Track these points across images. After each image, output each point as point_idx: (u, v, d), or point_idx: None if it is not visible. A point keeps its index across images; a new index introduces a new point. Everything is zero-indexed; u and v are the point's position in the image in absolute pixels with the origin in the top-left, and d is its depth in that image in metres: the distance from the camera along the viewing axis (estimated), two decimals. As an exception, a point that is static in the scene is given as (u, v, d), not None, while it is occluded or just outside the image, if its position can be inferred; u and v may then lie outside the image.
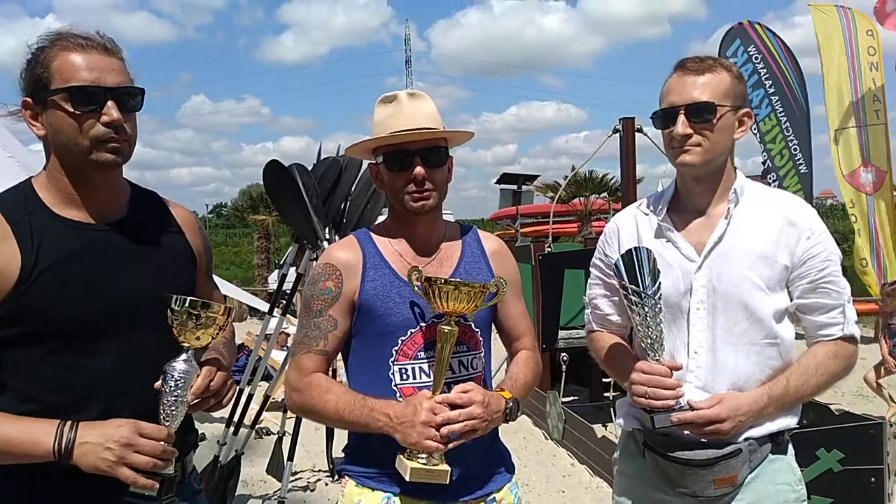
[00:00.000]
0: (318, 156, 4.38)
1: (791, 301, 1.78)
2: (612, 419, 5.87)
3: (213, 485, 4.02)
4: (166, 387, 1.47)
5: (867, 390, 7.38)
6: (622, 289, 1.72)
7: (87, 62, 1.45)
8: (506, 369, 1.89)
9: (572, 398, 7.30)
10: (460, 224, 1.95)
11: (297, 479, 5.25)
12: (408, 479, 1.58)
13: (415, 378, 1.71)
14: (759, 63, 10.25)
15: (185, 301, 1.49)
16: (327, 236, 4.17)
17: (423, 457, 1.59)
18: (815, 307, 1.77)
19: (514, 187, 13.07)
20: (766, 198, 1.84)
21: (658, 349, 1.71)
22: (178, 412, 1.48)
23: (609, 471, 4.71)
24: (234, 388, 1.65)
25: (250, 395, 4.49)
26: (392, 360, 1.71)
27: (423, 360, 1.72)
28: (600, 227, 15.53)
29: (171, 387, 1.47)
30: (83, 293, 1.47)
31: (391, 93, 1.78)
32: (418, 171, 1.70)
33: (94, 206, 1.55)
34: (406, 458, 1.60)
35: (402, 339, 1.72)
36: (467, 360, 1.76)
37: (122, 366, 1.50)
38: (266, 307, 6.06)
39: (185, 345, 1.51)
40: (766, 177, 10.01)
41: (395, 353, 1.71)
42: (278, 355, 6.69)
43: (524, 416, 6.61)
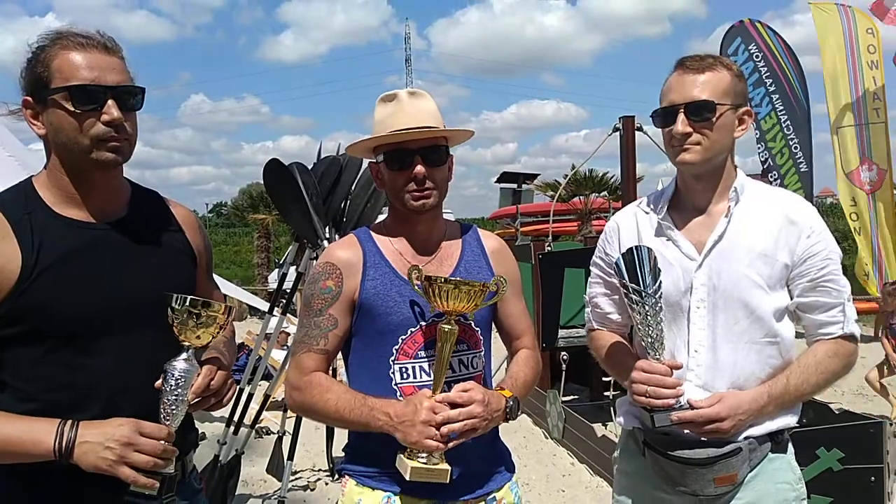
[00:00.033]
0: (319, 155, 4.38)
1: (791, 299, 1.78)
2: (612, 418, 5.87)
3: (214, 484, 4.02)
4: (167, 386, 1.47)
5: (867, 389, 7.37)
6: (623, 287, 1.72)
7: (88, 61, 1.45)
8: (506, 368, 1.89)
9: (572, 397, 7.31)
10: (460, 223, 1.94)
11: (297, 478, 5.25)
12: (408, 479, 1.58)
13: (415, 377, 1.71)
14: (759, 61, 10.25)
15: (185, 300, 1.49)
16: (327, 235, 4.17)
17: (424, 456, 1.59)
18: (816, 306, 1.77)
19: (514, 186, 13.07)
20: (767, 196, 1.84)
21: (658, 348, 1.71)
22: (178, 411, 1.48)
23: (609, 470, 4.71)
24: (235, 387, 1.66)
25: (250, 395, 4.50)
26: (392, 358, 1.71)
27: (424, 359, 1.72)
28: (600, 225, 15.53)
29: (171, 386, 1.47)
30: (84, 292, 1.47)
31: (391, 91, 1.78)
32: (419, 169, 1.70)
33: (95, 206, 1.55)
34: (406, 458, 1.60)
35: (403, 337, 1.72)
36: (467, 358, 1.76)
37: (122, 365, 1.50)
38: (266, 306, 6.06)
39: (185, 344, 1.51)
40: (767, 175, 10.01)
41: (395, 351, 1.71)
42: (278, 354, 6.69)
43: (524, 416, 6.61)
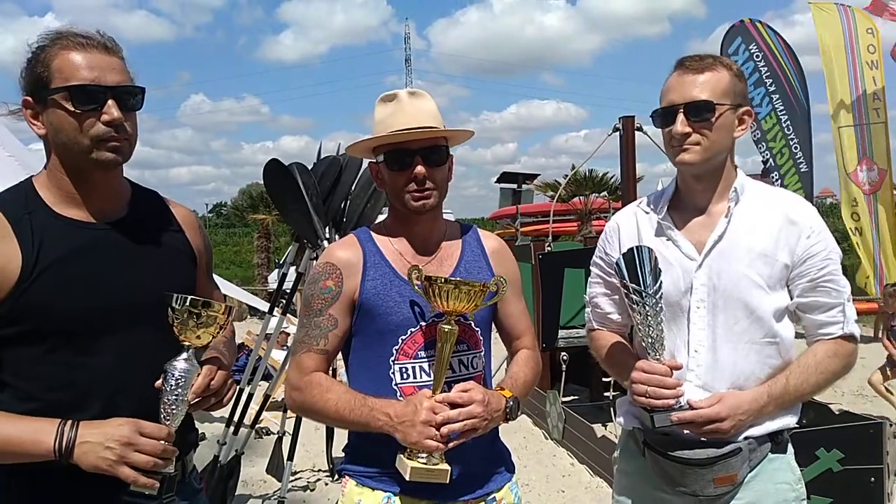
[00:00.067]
0: (319, 155, 4.38)
1: (791, 300, 1.78)
2: (612, 419, 5.87)
3: (213, 484, 4.02)
4: (167, 385, 1.47)
5: (867, 390, 7.35)
6: (623, 288, 1.72)
7: (88, 61, 1.45)
8: (506, 368, 1.89)
9: (572, 398, 7.30)
10: (460, 223, 1.94)
11: (296, 478, 5.25)
12: (408, 479, 1.58)
13: (415, 377, 1.71)
14: (760, 61, 10.26)
15: (185, 300, 1.49)
16: (327, 235, 4.16)
17: (424, 456, 1.59)
18: (815, 306, 1.77)
19: (514, 186, 13.05)
20: (767, 196, 1.84)
21: (658, 348, 1.71)
22: (178, 411, 1.48)
23: (609, 470, 4.71)
24: (235, 387, 1.66)
25: (250, 395, 4.49)
26: (392, 359, 1.71)
27: (424, 360, 1.72)
28: (600, 226, 15.54)
29: (171, 386, 1.47)
30: (84, 291, 1.48)
31: (391, 91, 1.78)
32: (419, 170, 1.70)
33: (95, 205, 1.55)
34: (406, 458, 1.60)
35: (403, 338, 1.72)
36: (467, 359, 1.76)
37: (122, 364, 1.51)
38: (266, 307, 6.06)
39: (185, 344, 1.51)
40: (768, 175, 10.01)
41: (395, 352, 1.71)
42: (278, 355, 6.69)
43: (524, 416, 6.61)
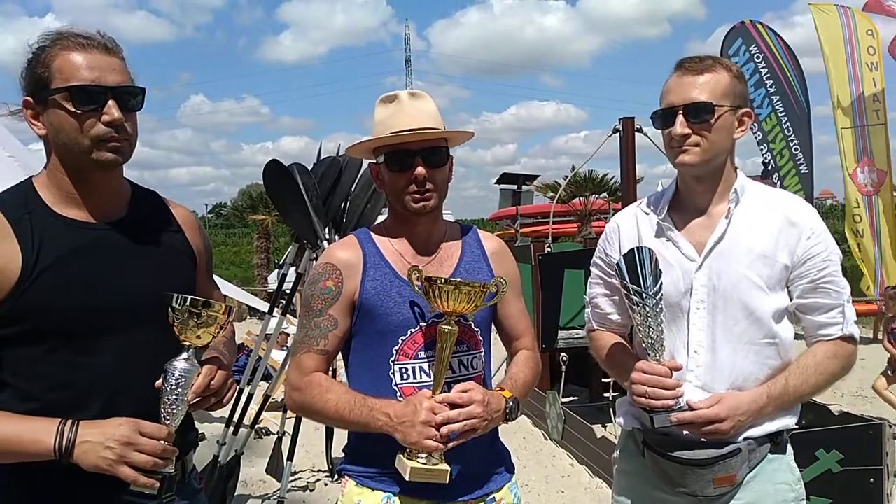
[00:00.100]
0: (318, 155, 4.37)
1: (791, 301, 1.78)
2: (612, 419, 5.87)
3: (213, 485, 4.02)
4: (167, 385, 1.47)
5: (866, 391, 7.34)
6: (623, 288, 1.72)
7: (88, 61, 1.45)
8: (505, 369, 1.89)
9: (572, 398, 7.30)
10: (460, 224, 1.95)
11: (296, 479, 5.25)
12: (407, 479, 1.59)
13: (415, 378, 1.71)
14: (760, 62, 10.27)
15: (185, 300, 1.49)
16: (327, 236, 4.16)
17: (423, 456, 1.59)
18: (815, 307, 1.77)
19: (514, 187, 13.04)
20: (767, 197, 1.84)
21: (658, 349, 1.71)
22: (178, 411, 1.48)
23: (608, 471, 4.71)
24: (235, 387, 1.66)
25: (250, 395, 4.49)
26: (392, 359, 1.71)
27: (424, 360, 1.72)
28: (600, 227, 15.52)
29: (171, 385, 1.47)
30: (84, 291, 1.48)
31: (392, 92, 1.78)
32: (419, 171, 1.70)
33: (95, 206, 1.55)
34: (406, 458, 1.60)
35: (403, 338, 1.72)
36: (467, 359, 1.77)
37: (122, 364, 1.51)
38: (266, 307, 6.06)
39: (185, 344, 1.51)
40: (769, 176, 10.02)
41: (395, 352, 1.71)
42: (278, 355, 6.69)
43: (524, 417, 6.60)
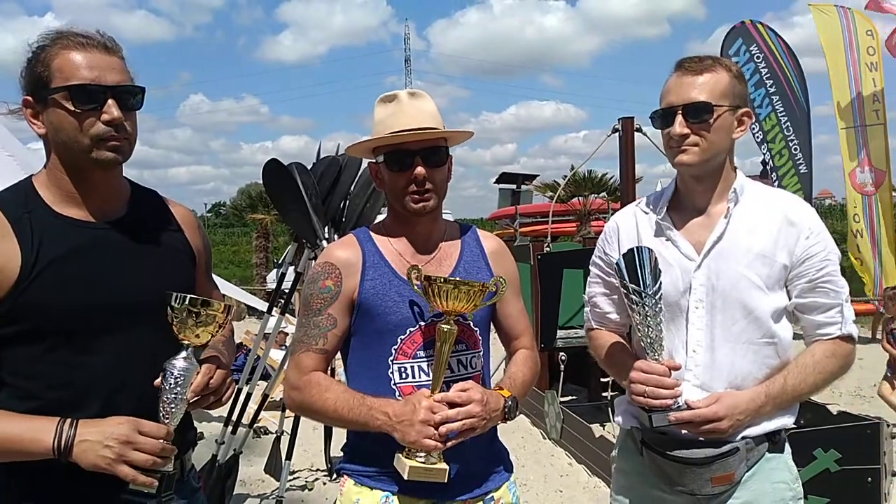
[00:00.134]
0: (318, 155, 4.37)
1: (789, 300, 1.79)
2: (610, 419, 5.88)
3: (212, 484, 4.02)
4: (166, 384, 1.47)
5: (865, 390, 7.35)
6: (623, 288, 1.72)
7: (88, 61, 1.45)
8: (504, 368, 1.89)
9: (570, 398, 7.31)
10: (459, 223, 1.95)
11: (295, 478, 5.26)
12: (406, 478, 1.59)
13: (414, 377, 1.72)
14: (760, 62, 10.27)
15: (185, 299, 1.49)
16: (326, 235, 4.16)
17: (422, 455, 1.59)
18: (814, 306, 1.77)
19: (513, 187, 13.05)
20: (766, 197, 1.84)
21: (657, 348, 1.71)
22: (177, 410, 1.48)
23: (607, 470, 4.72)
24: (234, 386, 1.66)
25: (249, 394, 4.49)
26: (391, 358, 1.72)
27: (423, 359, 1.72)
28: (599, 226, 15.52)
29: (170, 384, 1.46)
30: (83, 290, 1.48)
31: (391, 92, 1.78)
32: (419, 170, 1.70)
33: (95, 205, 1.55)
34: (405, 457, 1.60)
35: (402, 337, 1.72)
36: (466, 358, 1.77)
37: (121, 363, 1.51)
38: (265, 306, 6.06)
39: (184, 342, 1.51)
40: (768, 176, 10.03)
41: (394, 351, 1.72)
42: (277, 354, 6.69)
43: (522, 416, 6.61)
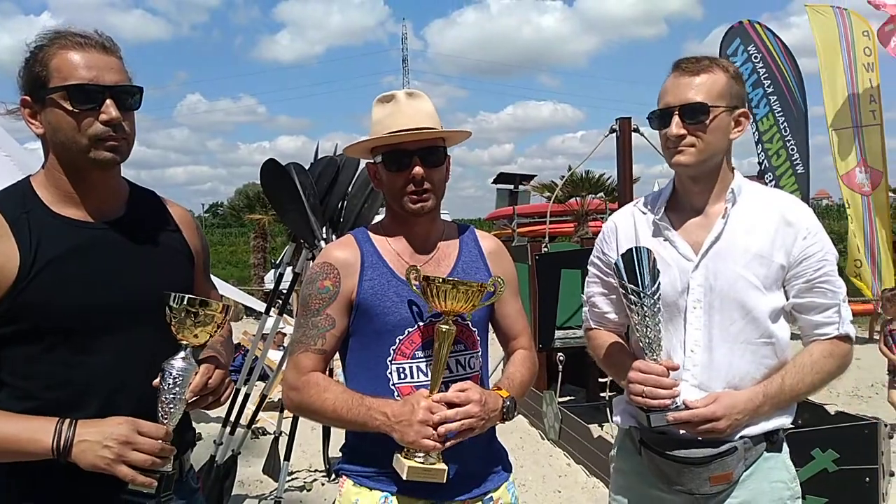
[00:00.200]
0: (316, 155, 4.37)
1: (787, 300, 1.79)
2: (609, 419, 5.88)
3: (210, 485, 4.01)
4: (164, 384, 1.46)
5: (862, 390, 7.36)
6: (622, 288, 1.72)
7: (86, 60, 1.45)
8: (502, 369, 1.89)
9: (569, 398, 7.32)
10: (457, 223, 1.95)
11: (293, 478, 5.25)
12: (405, 478, 1.59)
13: (412, 377, 1.72)
14: (758, 62, 10.29)
15: (183, 299, 1.49)
16: (324, 235, 4.16)
17: (421, 455, 1.59)
18: (811, 306, 1.78)
19: (511, 187, 13.02)
20: (764, 197, 1.84)
21: (656, 349, 1.72)
22: (176, 410, 1.48)
23: (605, 471, 4.72)
24: (232, 386, 1.66)
25: (247, 395, 4.49)
26: (390, 359, 1.72)
27: (421, 360, 1.72)
28: (597, 227, 15.55)
29: (169, 384, 1.46)
30: (82, 290, 1.48)
31: (389, 92, 1.79)
32: (417, 170, 1.70)
33: (93, 205, 1.55)
34: (403, 457, 1.60)
35: (400, 338, 1.72)
36: (464, 359, 1.77)
37: (120, 362, 1.51)
38: (262, 307, 6.05)
39: (183, 343, 1.51)
40: (763, 177, 10.04)
41: (392, 352, 1.72)
42: (275, 355, 6.68)
43: (520, 416, 6.61)
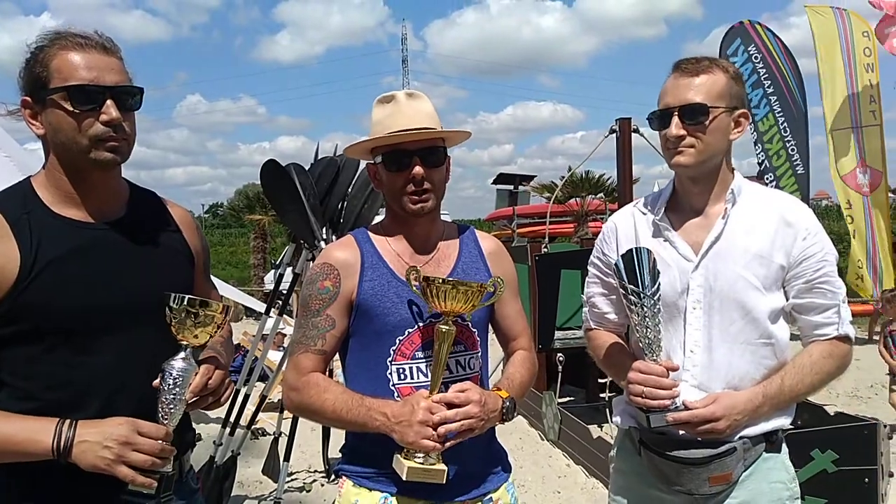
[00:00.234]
0: (316, 155, 4.37)
1: (787, 301, 1.79)
2: (608, 420, 5.87)
3: (210, 485, 4.01)
4: (165, 385, 1.47)
5: (861, 391, 7.34)
6: (622, 289, 1.72)
7: (87, 61, 1.45)
8: (502, 369, 1.89)
9: (568, 399, 7.31)
10: (457, 224, 1.95)
11: (293, 479, 5.26)
12: (405, 479, 1.59)
13: (412, 378, 1.72)
14: (758, 63, 10.29)
15: (183, 299, 1.50)
16: (324, 236, 4.16)
17: (420, 456, 1.59)
18: (811, 307, 1.78)
19: (511, 187, 13.02)
20: (763, 198, 1.85)
21: (655, 349, 1.72)
22: (176, 410, 1.48)
23: (605, 471, 4.72)
24: (232, 386, 1.66)
25: (246, 396, 4.49)
26: (390, 359, 1.72)
27: (421, 360, 1.72)
28: (597, 227, 15.55)
29: (169, 385, 1.47)
30: (82, 291, 1.48)
31: (389, 93, 1.79)
32: (417, 170, 1.70)
33: (93, 205, 1.55)
34: (403, 458, 1.60)
35: (400, 338, 1.72)
36: (464, 359, 1.77)
37: (120, 363, 1.51)
38: (262, 307, 6.05)
39: (183, 343, 1.51)
40: (762, 177, 10.04)
41: (392, 352, 1.72)
42: (275, 356, 6.68)
43: (520, 417, 6.61)
